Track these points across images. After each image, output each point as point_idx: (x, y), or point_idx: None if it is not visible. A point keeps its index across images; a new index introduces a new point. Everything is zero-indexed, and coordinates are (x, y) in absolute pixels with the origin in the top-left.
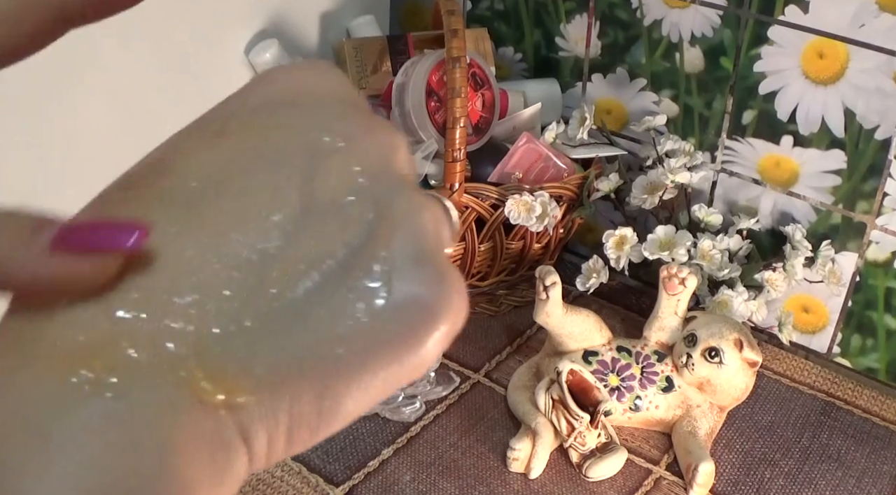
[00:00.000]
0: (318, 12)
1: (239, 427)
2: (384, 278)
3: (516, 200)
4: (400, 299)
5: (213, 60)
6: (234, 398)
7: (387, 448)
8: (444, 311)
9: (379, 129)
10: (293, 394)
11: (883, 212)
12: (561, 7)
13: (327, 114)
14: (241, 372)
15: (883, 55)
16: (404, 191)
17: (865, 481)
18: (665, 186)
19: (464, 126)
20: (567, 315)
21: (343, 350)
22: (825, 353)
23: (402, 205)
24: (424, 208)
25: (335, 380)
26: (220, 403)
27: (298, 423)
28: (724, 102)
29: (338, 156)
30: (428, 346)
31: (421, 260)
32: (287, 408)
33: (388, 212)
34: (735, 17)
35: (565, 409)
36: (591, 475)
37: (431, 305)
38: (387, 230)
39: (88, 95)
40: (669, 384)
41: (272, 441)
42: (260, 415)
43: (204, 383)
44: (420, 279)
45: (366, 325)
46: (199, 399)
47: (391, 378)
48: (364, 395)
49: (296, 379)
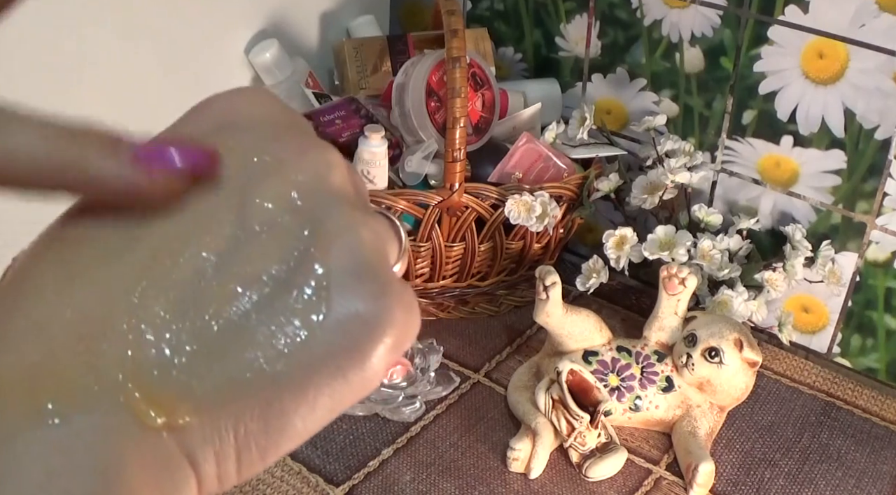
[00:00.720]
0: (318, 12)
1: (184, 449)
2: (321, 293)
3: (516, 200)
4: (340, 314)
5: (213, 60)
6: (175, 420)
7: (387, 448)
8: (386, 325)
9: (314, 149)
10: (237, 414)
11: (883, 212)
12: (561, 7)
13: (261, 136)
14: (180, 394)
15: (883, 55)
16: (341, 207)
17: (865, 481)
18: (665, 186)
19: (464, 126)
20: (567, 315)
21: (283, 366)
22: (825, 353)
23: (338, 220)
24: (362, 224)
25: (278, 397)
26: (162, 426)
27: (246, 443)
28: (724, 102)
29: (271, 177)
30: (372, 361)
31: (360, 274)
32: (232, 428)
33: (324, 228)
34: (735, 17)
35: (565, 409)
36: (591, 475)
37: (373, 319)
38: (323, 246)
39: (88, 95)
40: (669, 384)
41: (221, 462)
42: (204, 437)
43: (144, 406)
44: (360, 293)
45: (305, 341)
46: (141, 422)
47: (338, 394)
48: (312, 412)
49: (238, 398)
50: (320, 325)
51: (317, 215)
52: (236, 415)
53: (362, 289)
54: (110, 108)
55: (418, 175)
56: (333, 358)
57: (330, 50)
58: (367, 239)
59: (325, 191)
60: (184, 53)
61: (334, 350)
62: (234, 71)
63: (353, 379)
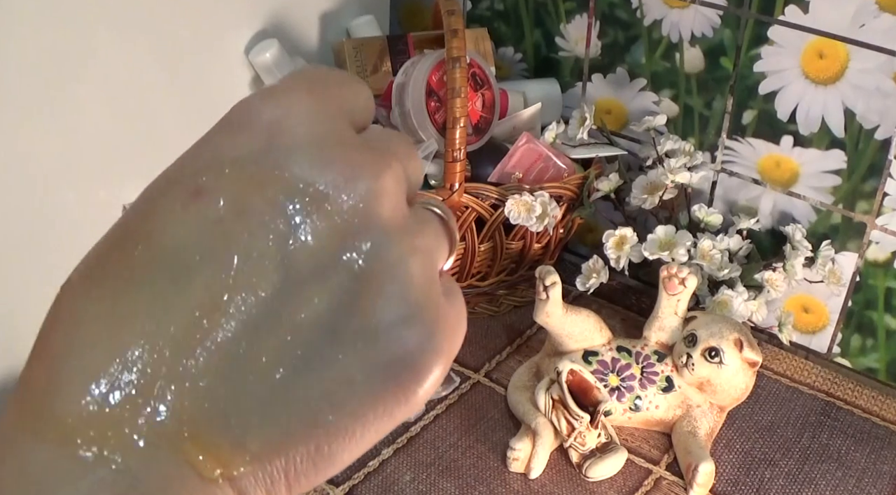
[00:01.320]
0: (318, 12)
1: (238, 492)
2: (370, 343)
3: (516, 200)
4: (389, 360)
5: (213, 60)
6: (231, 471)
7: (387, 448)
8: (434, 363)
9: (363, 174)
10: (287, 458)
11: (883, 212)
12: (561, 7)
13: (306, 162)
14: (236, 447)
15: (883, 55)
16: (389, 240)
17: (865, 481)
18: (665, 186)
19: (464, 126)
20: (567, 315)
21: (333, 416)
22: (825, 353)
23: (385, 258)
24: (410, 254)
25: (327, 442)
26: (218, 476)
27: (297, 480)
28: (724, 102)
29: (317, 215)
30: (419, 396)
31: (409, 319)
32: (283, 470)
33: (371, 270)
34: (735, 17)
35: (565, 409)
36: (591, 475)
37: (421, 361)
38: (371, 292)
39: (87, 95)
40: (669, 384)
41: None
42: (257, 481)
43: (201, 459)
44: (409, 339)
45: (355, 390)
46: (198, 473)
47: (384, 428)
48: (357, 446)
49: (289, 447)
50: (370, 374)
51: (366, 254)
52: (288, 459)
53: (412, 334)
54: (110, 108)
55: None
56: (382, 402)
57: (330, 50)
58: (416, 272)
59: (374, 224)
60: (184, 53)
61: (384, 395)
62: (234, 71)
63: (399, 416)
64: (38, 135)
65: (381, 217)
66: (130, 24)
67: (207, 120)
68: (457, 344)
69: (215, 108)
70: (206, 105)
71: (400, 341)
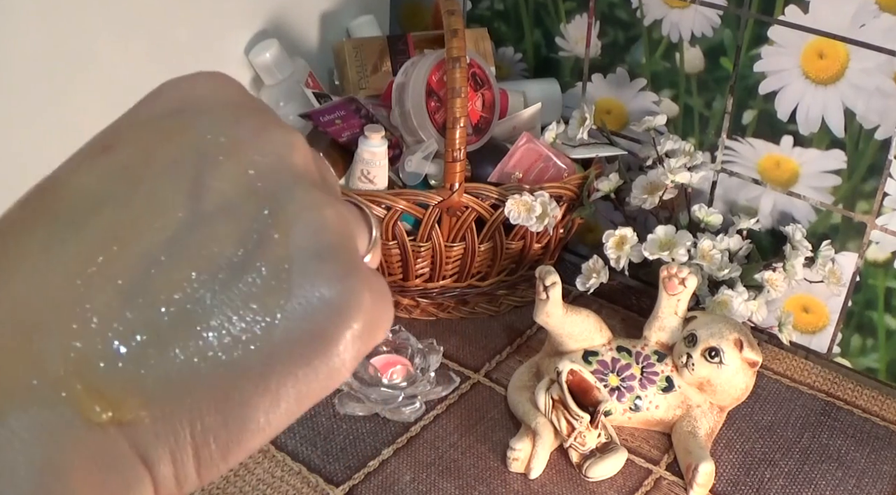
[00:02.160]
0: (318, 12)
1: (136, 448)
2: (282, 277)
3: (516, 200)
4: (302, 298)
5: (213, 60)
6: (124, 414)
7: (387, 448)
8: (353, 309)
9: (275, 129)
10: (192, 407)
11: (883, 212)
12: (561, 7)
13: (217, 119)
14: (127, 386)
15: (883, 55)
16: (303, 187)
17: (865, 481)
18: (665, 186)
19: (464, 126)
20: (567, 315)
21: (240, 354)
22: (825, 353)
23: (300, 201)
24: (326, 204)
25: (237, 387)
26: (109, 421)
27: (205, 440)
28: (724, 102)
29: (228, 159)
30: (339, 347)
31: (323, 255)
32: (188, 423)
33: (284, 209)
34: (735, 17)
35: (565, 409)
36: (591, 475)
37: (338, 303)
38: (283, 227)
39: (87, 95)
40: (669, 384)
41: (178, 462)
42: (157, 434)
43: (88, 401)
44: (323, 275)
45: (265, 328)
46: (86, 418)
47: (304, 385)
48: (275, 405)
49: (192, 390)
50: (281, 310)
51: (277, 196)
52: (192, 409)
53: (326, 271)
54: (110, 108)
55: (418, 175)
56: (297, 345)
57: (330, 50)
58: (332, 220)
59: (286, 171)
60: (184, 53)
61: (297, 336)
62: (234, 71)
63: (319, 368)
64: (38, 135)
65: (294, 165)
66: (130, 24)
67: None
68: (381, 310)
69: None
70: None
71: (314, 275)
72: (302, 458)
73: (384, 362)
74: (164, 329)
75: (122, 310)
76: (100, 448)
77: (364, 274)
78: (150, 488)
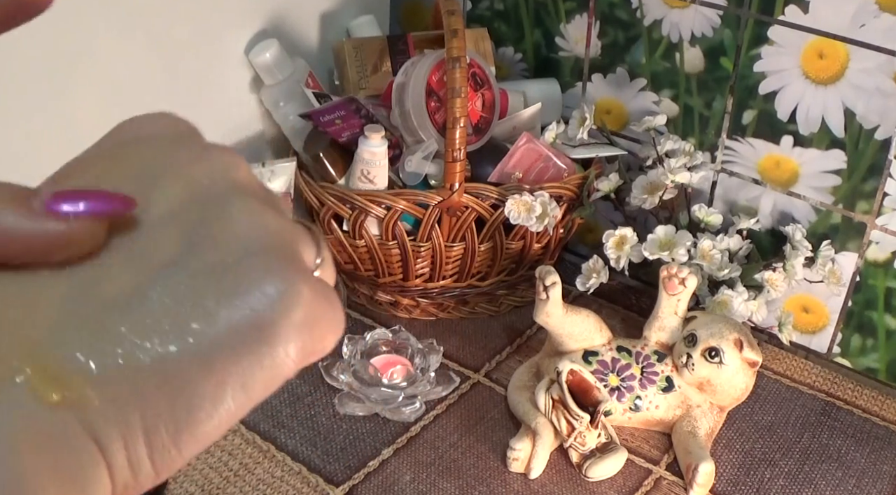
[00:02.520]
0: (318, 12)
1: (86, 427)
2: (223, 270)
3: (516, 200)
4: (243, 289)
5: (213, 60)
6: (73, 394)
7: (387, 448)
8: (293, 301)
9: (219, 151)
10: (138, 390)
11: (883, 212)
12: (561, 7)
13: (160, 144)
14: (75, 369)
15: (883, 55)
16: (244, 196)
17: (865, 481)
18: (665, 186)
19: (464, 126)
20: (567, 315)
21: (184, 341)
22: (825, 353)
23: (242, 206)
24: (267, 212)
25: (181, 373)
26: (60, 401)
27: (154, 424)
28: (724, 102)
29: (173, 176)
30: (280, 337)
31: (264, 252)
32: (136, 408)
33: (226, 212)
34: (735, 17)
35: (565, 409)
36: (591, 475)
37: (278, 294)
38: (224, 227)
39: (87, 95)
40: (669, 384)
41: (130, 447)
42: (107, 416)
43: (40, 382)
44: (263, 269)
45: (206, 318)
46: (38, 398)
47: (249, 375)
48: (221, 392)
49: (137, 373)
50: (222, 302)
51: (219, 201)
52: (138, 393)
53: (265, 264)
54: (110, 108)
55: (418, 175)
56: (238, 333)
57: (330, 50)
58: (272, 224)
59: (229, 182)
60: (184, 53)
61: (238, 325)
62: (234, 71)
63: (262, 357)
64: (38, 134)
65: (237, 179)
66: (130, 23)
67: (207, 119)
68: (325, 308)
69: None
70: (207, 105)
71: (255, 268)
72: (302, 458)
73: (384, 362)
74: (108, 319)
75: (69, 302)
76: (51, 427)
77: (305, 273)
78: (105, 472)
